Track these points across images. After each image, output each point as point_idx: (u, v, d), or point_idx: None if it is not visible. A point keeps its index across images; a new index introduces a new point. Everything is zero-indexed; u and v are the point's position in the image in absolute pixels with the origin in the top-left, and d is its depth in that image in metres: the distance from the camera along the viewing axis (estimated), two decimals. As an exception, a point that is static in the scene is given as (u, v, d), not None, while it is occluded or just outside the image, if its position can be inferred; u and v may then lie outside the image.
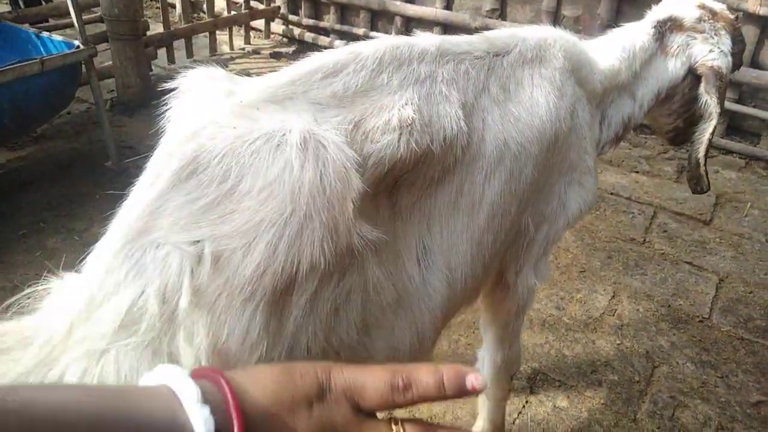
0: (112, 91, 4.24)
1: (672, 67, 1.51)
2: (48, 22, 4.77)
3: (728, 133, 4.04)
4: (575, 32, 1.40)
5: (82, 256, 0.85)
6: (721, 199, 3.41)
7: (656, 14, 1.55)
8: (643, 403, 2.13)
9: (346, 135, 0.85)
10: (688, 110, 1.56)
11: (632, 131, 1.70)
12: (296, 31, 5.63)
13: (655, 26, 1.51)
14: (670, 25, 1.51)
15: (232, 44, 5.46)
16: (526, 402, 2.12)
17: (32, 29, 3.46)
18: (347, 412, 0.61)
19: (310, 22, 5.55)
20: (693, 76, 1.52)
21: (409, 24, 4.98)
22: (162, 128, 0.92)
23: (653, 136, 4.04)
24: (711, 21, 1.52)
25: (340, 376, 0.63)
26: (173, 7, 5.69)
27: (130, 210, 0.81)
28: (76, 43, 3.14)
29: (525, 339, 2.33)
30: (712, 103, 1.47)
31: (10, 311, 0.84)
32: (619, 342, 2.40)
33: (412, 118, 0.91)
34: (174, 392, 0.52)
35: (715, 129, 1.50)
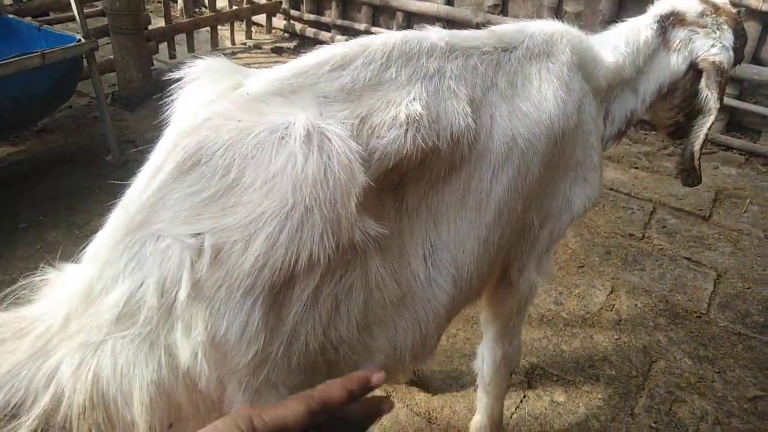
0: (114, 85, 4.24)
1: (674, 62, 1.51)
2: (49, 15, 4.76)
3: (728, 130, 4.03)
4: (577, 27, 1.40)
5: (82, 249, 0.85)
6: (720, 195, 3.41)
7: (658, 9, 1.55)
8: (641, 397, 2.14)
9: (353, 129, 0.84)
10: (689, 105, 1.56)
11: (633, 127, 1.70)
12: (298, 26, 5.62)
13: (657, 21, 1.51)
14: (673, 20, 1.51)
15: (233, 39, 5.46)
16: (524, 396, 2.13)
17: (34, 22, 3.46)
18: None
19: (312, 17, 5.54)
20: (695, 70, 1.51)
21: (411, 19, 4.97)
22: (166, 119, 0.91)
23: (653, 132, 4.04)
24: (713, 15, 1.51)
25: (263, 422, 0.67)
26: (175, 1, 5.68)
27: (132, 201, 0.81)
28: (78, 36, 3.14)
29: (523, 334, 2.34)
30: (711, 98, 1.47)
31: (7, 302, 0.85)
32: (617, 337, 2.41)
33: (420, 114, 0.91)
34: None
35: (713, 123, 1.50)
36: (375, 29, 5.06)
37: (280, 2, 5.66)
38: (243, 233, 0.74)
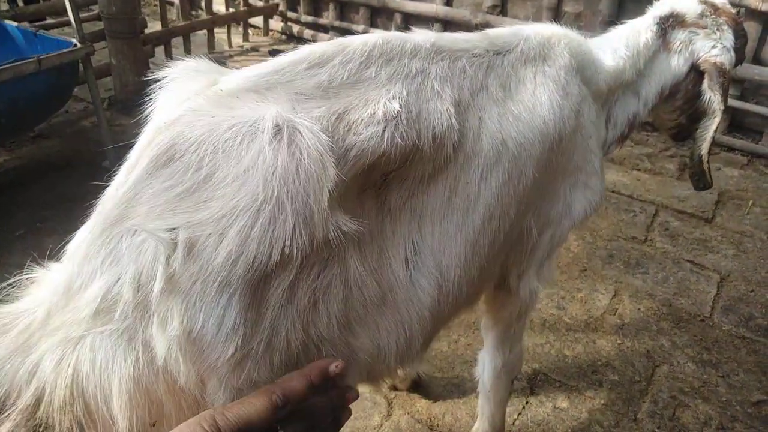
0: (110, 89, 4.22)
1: (675, 64, 1.49)
2: (45, 20, 4.75)
3: (730, 130, 4.02)
4: (576, 28, 1.38)
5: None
6: (723, 197, 3.39)
7: (658, 10, 1.53)
8: (644, 402, 2.12)
9: (329, 126, 0.83)
10: (692, 106, 1.54)
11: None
12: (295, 28, 5.61)
13: (657, 22, 1.49)
14: (672, 21, 1.50)
15: (230, 42, 5.44)
16: (527, 403, 2.11)
17: (30, 27, 3.44)
18: None
19: (309, 19, 5.53)
20: (696, 72, 1.50)
21: (409, 21, 4.95)
22: (145, 118, 0.92)
23: (655, 134, 4.02)
24: (713, 16, 1.50)
25: (226, 421, 0.69)
26: (171, 4, 5.67)
27: (109, 197, 0.82)
28: (74, 41, 3.12)
29: (525, 339, 2.31)
30: (715, 100, 1.46)
31: None
32: (620, 341, 2.39)
33: (398, 112, 0.89)
34: None
35: (718, 125, 1.49)
36: (373, 31, 5.04)
37: (277, 4, 5.64)
38: (216, 227, 0.73)
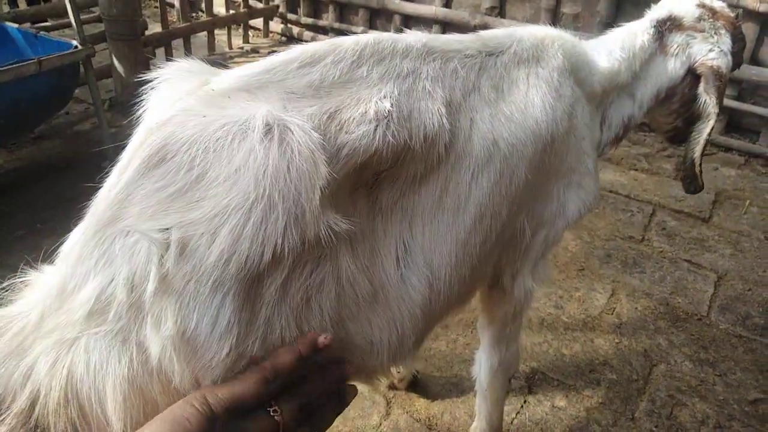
0: (111, 91, 4.24)
1: (671, 67, 1.50)
2: (46, 21, 4.76)
3: (727, 131, 4.03)
4: (574, 30, 1.39)
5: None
6: (720, 197, 3.40)
7: (656, 13, 1.54)
8: (642, 401, 2.13)
9: (320, 125, 0.84)
10: (688, 110, 1.55)
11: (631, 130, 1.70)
12: (295, 30, 5.62)
13: (654, 25, 1.50)
14: (670, 25, 1.50)
15: (230, 43, 5.45)
16: (524, 402, 2.12)
17: (30, 29, 3.46)
18: (234, 428, 0.71)
19: (309, 20, 5.54)
20: (693, 75, 1.50)
21: (408, 22, 4.97)
22: (137, 119, 0.92)
23: (652, 134, 4.03)
24: (711, 20, 1.50)
25: (217, 399, 0.70)
26: (171, 6, 5.69)
27: (102, 199, 0.82)
28: (74, 43, 3.14)
29: (523, 338, 2.33)
30: (710, 103, 1.46)
31: None
32: (617, 341, 2.40)
33: (389, 111, 0.90)
34: None
35: (713, 129, 1.50)
36: (372, 32, 5.06)
37: (278, 6, 5.66)
38: (208, 227, 0.74)
